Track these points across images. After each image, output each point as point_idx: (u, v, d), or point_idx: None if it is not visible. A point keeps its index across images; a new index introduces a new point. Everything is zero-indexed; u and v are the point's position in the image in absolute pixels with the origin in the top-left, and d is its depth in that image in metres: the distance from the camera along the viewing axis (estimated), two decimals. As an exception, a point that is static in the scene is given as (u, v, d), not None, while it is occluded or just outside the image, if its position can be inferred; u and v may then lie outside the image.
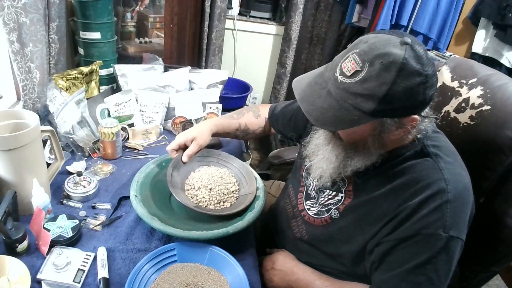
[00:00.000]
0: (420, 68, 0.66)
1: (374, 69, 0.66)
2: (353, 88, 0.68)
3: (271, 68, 3.01)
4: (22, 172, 0.95)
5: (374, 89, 0.66)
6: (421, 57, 0.67)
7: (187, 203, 1.00)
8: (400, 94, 0.66)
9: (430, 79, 0.68)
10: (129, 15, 2.36)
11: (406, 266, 0.75)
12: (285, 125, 1.19)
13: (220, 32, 2.63)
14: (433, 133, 0.83)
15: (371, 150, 0.78)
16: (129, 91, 1.56)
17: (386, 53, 0.66)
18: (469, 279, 0.98)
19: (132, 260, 0.92)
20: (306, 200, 1.01)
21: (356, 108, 0.68)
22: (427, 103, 0.71)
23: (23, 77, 1.25)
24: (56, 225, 0.94)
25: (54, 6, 1.40)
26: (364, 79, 0.67)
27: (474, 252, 0.96)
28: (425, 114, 0.76)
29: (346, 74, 0.69)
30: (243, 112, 1.26)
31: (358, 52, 0.68)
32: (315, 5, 2.68)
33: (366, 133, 0.76)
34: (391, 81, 0.65)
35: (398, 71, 0.65)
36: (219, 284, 0.86)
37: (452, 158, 0.81)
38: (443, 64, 1.12)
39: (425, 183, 0.76)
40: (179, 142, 1.11)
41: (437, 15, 2.21)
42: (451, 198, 0.74)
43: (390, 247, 0.78)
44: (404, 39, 0.67)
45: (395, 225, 0.78)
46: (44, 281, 0.83)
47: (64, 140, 1.27)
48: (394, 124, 0.72)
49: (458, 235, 0.74)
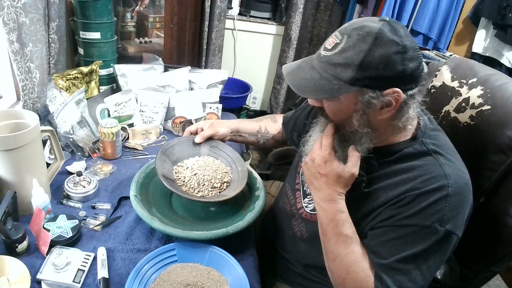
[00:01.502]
0: (397, 39, 0.69)
1: (351, 39, 0.70)
2: (333, 59, 0.72)
3: (271, 68, 3.01)
4: (22, 172, 0.95)
5: (351, 57, 0.70)
6: (397, 30, 0.70)
7: (173, 186, 0.99)
8: (377, 61, 0.69)
9: (410, 50, 0.70)
10: (129, 15, 2.36)
11: (397, 255, 0.75)
12: (292, 126, 1.20)
13: (220, 32, 2.63)
14: (432, 131, 0.83)
15: (359, 132, 0.77)
16: (129, 91, 1.56)
17: (363, 26, 0.71)
18: (469, 279, 0.98)
19: (132, 260, 0.92)
20: (304, 198, 1.01)
21: (336, 78, 0.72)
22: (407, 75, 0.71)
23: (23, 77, 1.25)
24: (56, 225, 0.94)
25: (54, 6, 1.40)
26: (343, 50, 0.71)
27: (474, 252, 0.96)
28: (413, 93, 0.74)
29: (327, 48, 0.74)
30: (261, 118, 1.30)
31: (339, 29, 0.74)
32: (315, 5, 2.68)
33: (351, 109, 0.76)
34: (367, 49, 0.69)
35: (374, 39, 0.69)
36: (219, 284, 0.86)
37: (452, 156, 0.81)
38: (443, 64, 1.12)
39: (426, 178, 0.76)
40: (198, 125, 1.15)
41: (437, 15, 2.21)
42: (451, 193, 0.74)
43: (384, 232, 0.78)
44: (382, 17, 0.72)
45: (391, 212, 0.77)
46: (44, 281, 0.83)
47: (64, 140, 1.27)
48: (376, 98, 0.72)
49: (454, 230, 0.74)
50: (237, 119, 1.26)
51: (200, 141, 1.12)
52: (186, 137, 1.13)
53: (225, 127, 1.16)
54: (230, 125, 1.19)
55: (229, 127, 1.18)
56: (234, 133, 1.21)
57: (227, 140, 1.19)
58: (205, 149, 1.13)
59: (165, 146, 1.07)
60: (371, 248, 0.79)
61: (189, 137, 1.14)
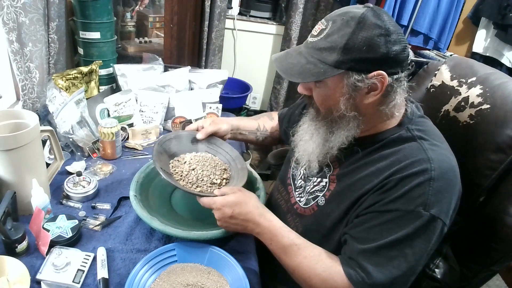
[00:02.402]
0: (380, 22, 0.72)
1: (336, 24, 0.74)
2: (319, 44, 0.76)
3: (271, 68, 3.01)
4: (22, 172, 0.95)
5: (336, 41, 0.73)
6: (380, 16, 0.73)
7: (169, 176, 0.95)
8: (360, 43, 0.71)
9: (393, 34, 0.72)
10: (129, 15, 2.37)
11: (381, 241, 0.74)
12: (286, 122, 1.20)
13: (220, 32, 2.63)
14: (418, 118, 0.84)
15: (347, 116, 0.79)
16: (128, 91, 1.55)
17: (347, 11, 0.74)
18: (469, 279, 0.98)
19: (132, 260, 0.92)
20: (296, 192, 1.01)
21: (322, 61, 0.75)
22: (391, 58, 0.73)
23: (23, 77, 1.25)
24: (56, 225, 0.94)
25: (54, 5, 1.40)
26: (328, 35, 0.74)
27: (474, 251, 0.96)
28: (398, 77, 0.76)
29: (313, 35, 0.77)
30: (258, 116, 1.31)
31: (325, 17, 0.78)
32: (315, 5, 2.68)
33: (337, 94, 0.78)
34: (350, 32, 0.72)
35: (357, 23, 0.72)
36: (219, 284, 0.86)
37: (438, 141, 0.81)
38: (443, 63, 1.12)
39: (408, 162, 0.76)
40: (199, 123, 1.15)
41: (438, 15, 2.21)
42: (434, 176, 0.73)
43: (367, 220, 0.77)
44: (367, 4, 0.75)
45: (375, 199, 0.77)
46: (44, 281, 0.82)
47: (63, 140, 1.27)
48: (362, 81, 0.74)
49: (439, 215, 0.73)
50: (236, 117, 1.27)
51: (203, 138, 1.09)
52: (184, 132, 1.11)
53: (226, 123, 1.16)
54: (230, 122, 1.19)
55: (230, 123, 1.18)
56: (235, 130, 1.21)
57: (227, 137, 1.19)
58: (203, 146, 1.10)
59: (162, 138, 1.05)
60: (355, 234, 0.79)
61: (188, 132, 1.11)
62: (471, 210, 0.95)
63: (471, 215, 0.96)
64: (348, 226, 0.82)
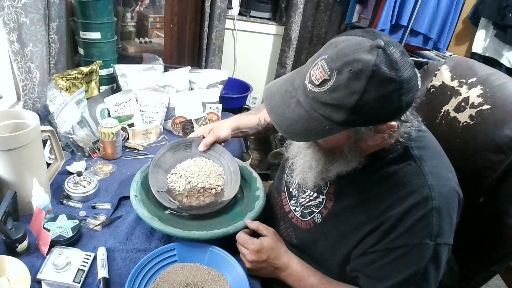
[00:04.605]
0: (394, 75, 0.61)
1: (342, 77, 0.61)
2: (322, 97, 0.64)
3: (271, 68, 3.01)
4: (22, 172, 0.95)
5: (343, 99, 0.62)
6: (394, 62, 0.61)
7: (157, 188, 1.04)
8: (372, 103, 0.62)
9: (406, 84, 0.62)
10: (129, 15, 2.36)
11: (396, 278, 0.74)
12: None
13: (220, 32, 2.63)
14: (417, 133, 0.79)
15: (348, 158, 0.76)
16: (129, 91, 1.56)
17: (355, 59, 0.61)
18: (469, 279, 0.98)
19: (132, 260, 0.92)
20: (291, 200, 0.99)
21: (327, 118, 0.64)
22: (404, 109, 0.66)
23: (23, 77, 1.25)
24: (56, 225, 0.94)
25: (54, 6, 1.40)
26: (333, 89, 0.62)
27: (474, 252, 0.96)
28: (405, 118, 0.71)
29: (314, 83, 0.65)
30: (259, 108, 1.27)
31: (326, 58, 0.63)
32: (315, 5, 2.68)
33: (342, 141, 0.73)
34: (361, 89, 0.61)
35: (368, 79, 0.60)
36: (219, 284, 0.86)
37: (437, 159, 0.79)
38: (443, 64, 1.12)
39: (407, 191, 0.74)
40: (198, 132, 1.16)
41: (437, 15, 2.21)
42: (436, 206, 0.72)
43: (377, 258, 0.77)
44: (376, 42, 0.62)
45: (379, 236, 0.76)
46: (44, 281, 0.83)
47: (64, 140, 1.27)
48: (370, 131, 0.69)
49: (445, 241, 0.73)
50: (235, 116, 1.25)
51: (204, 149, 1.14)
52: (174, 142, 1.16)
53: (225, 129, 1.16)
54: (229, 125, 1.19)
55: (229, 127, 1.18)
56: (235, 131, 1.21)
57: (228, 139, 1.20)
58: (196, 150, 1.16)
59: (155, 157, 1.11)
60: (370, 273, 0.79)
61: (177, 141, 1.16)
62: (471, 211, 0.96)
63: (471, 216, 0.96)
64: (356, 263, 0.82)
